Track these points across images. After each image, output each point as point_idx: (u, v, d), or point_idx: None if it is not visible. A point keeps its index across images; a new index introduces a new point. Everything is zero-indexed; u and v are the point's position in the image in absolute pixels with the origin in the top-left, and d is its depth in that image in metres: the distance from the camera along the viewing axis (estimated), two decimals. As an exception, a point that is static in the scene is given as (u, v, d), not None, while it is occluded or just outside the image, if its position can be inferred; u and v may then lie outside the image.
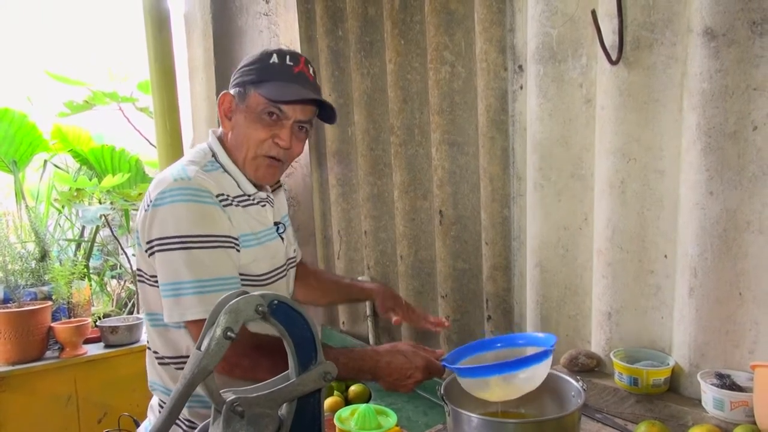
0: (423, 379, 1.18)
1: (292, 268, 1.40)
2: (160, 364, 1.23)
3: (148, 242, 1.13)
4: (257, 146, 1.22)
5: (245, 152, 1.23)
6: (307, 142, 1.35)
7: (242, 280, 1.19)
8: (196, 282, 1.08)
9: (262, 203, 1.29)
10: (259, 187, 1.29)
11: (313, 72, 1.27)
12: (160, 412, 1.25)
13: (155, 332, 1.23)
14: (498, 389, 1.03)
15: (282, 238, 1.33)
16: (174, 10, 2.67)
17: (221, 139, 1.28)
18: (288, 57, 1.22)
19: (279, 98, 1.19)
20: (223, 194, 1.18)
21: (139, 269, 1.22)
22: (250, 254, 1.20)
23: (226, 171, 1.23)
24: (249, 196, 1.25)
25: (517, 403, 1.12)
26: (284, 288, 1.35)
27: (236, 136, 1.24)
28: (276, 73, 1.20)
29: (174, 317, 1.10)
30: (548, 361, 1.03)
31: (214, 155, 1.25)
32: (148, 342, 1.28)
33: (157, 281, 1.15)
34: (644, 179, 1.31)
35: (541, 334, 1.14)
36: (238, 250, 1.17)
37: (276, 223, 1.33)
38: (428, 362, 1.18)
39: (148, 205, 1.14)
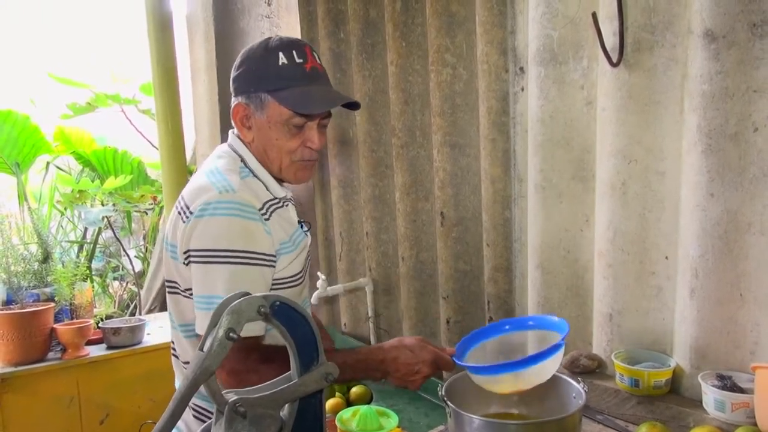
0: (431, 373, 1.15)
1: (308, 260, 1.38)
2: None
3: (185, 252, 1.11)
4: (290, 154, 1.19)
5: (279, 162, 1.20)
6: None
7: (277, 285, 1.17)
8: None
9: (287, 203, 1.26)
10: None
11: (318, 57, 1.21)
12: (193, 416, 1.23)
13: (190, 344, 1.20)
14: (508, 384, 1.03)
15: (307, 235, 1.29)
16: (176, 11, 2.69)
17: (244, 143, 1.23)
18: (295, 53, 1.15)
19: (309, 111, 1.16)
20: (269, 200, 1.17)
21: (171, 281, 1.19)
22: (287, 259, 1.18)
23: (255, 176, 1.20)
24: (279, 199, 1.22)
25: (519, 404, 1.12)
26: (307, 282, 1.33)
27: (264, 145, 1.20)
28: (289, 76, 1.14)
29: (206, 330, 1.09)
30: (560, 353, 1.03)
31: (242, 160, 1.21)
32: (175, 350, 1.25)
33: (192, 293, 1.12)
34: (645, 181, 1.32)
35: (555, 318, 1.12)
36: (274, 266, 1.15)
37: (300, 222, 1.29)
38: (435, 356, 1.15)
39: (188, 216, 1.11)
